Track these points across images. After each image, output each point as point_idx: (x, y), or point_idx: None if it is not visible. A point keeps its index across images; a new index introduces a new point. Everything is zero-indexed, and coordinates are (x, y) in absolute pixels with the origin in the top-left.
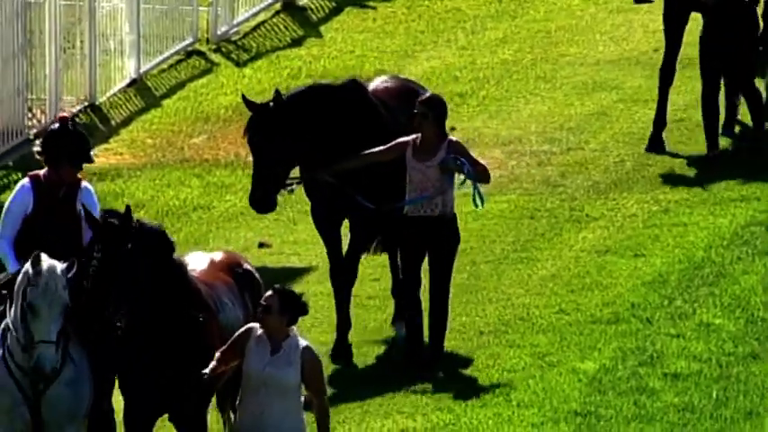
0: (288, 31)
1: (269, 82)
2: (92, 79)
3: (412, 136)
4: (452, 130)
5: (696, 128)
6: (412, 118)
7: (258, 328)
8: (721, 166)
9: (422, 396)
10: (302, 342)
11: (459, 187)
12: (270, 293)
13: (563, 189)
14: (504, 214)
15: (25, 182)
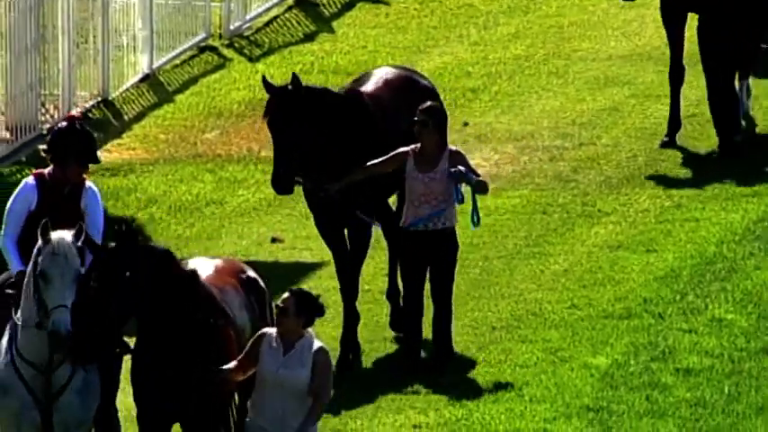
0: (300, 27)
1: (281, 77)
2: (105, 75)
3: (411, 146)
4: (465, 125)
5: (707, 123)
6: (411, 126)
7: (271, 332)
8: (733, 161)
9: (434, 391)
10: (316, 343)
11: (458, 203)
12: (287, 295)
13: (575, 184)
14: (517, 209)
15: (29, 179)
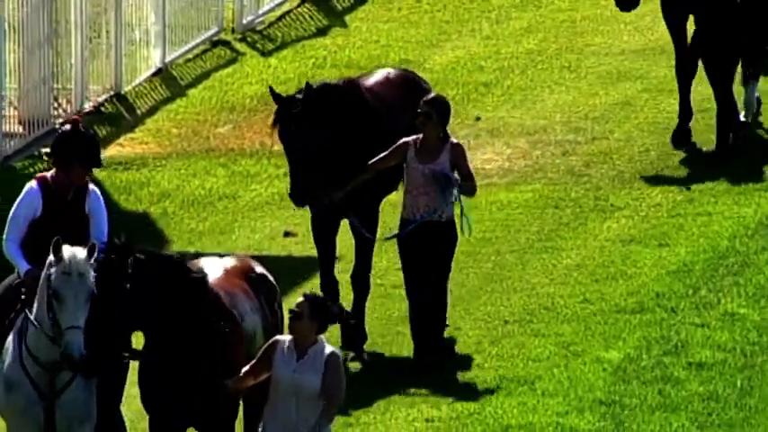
0: (313, 21)
1: (294, 71)
2: (117, 69)
3: (413, 137)
4: (478, 119)
5: None
6: (415, 117)
7: (284, 338)
8: (746, 155)
9: (446, 385)
10: (328, 348)
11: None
12: (301, 300)
13: (588, 179)
14: (529, 204)
15: (33, 184)
